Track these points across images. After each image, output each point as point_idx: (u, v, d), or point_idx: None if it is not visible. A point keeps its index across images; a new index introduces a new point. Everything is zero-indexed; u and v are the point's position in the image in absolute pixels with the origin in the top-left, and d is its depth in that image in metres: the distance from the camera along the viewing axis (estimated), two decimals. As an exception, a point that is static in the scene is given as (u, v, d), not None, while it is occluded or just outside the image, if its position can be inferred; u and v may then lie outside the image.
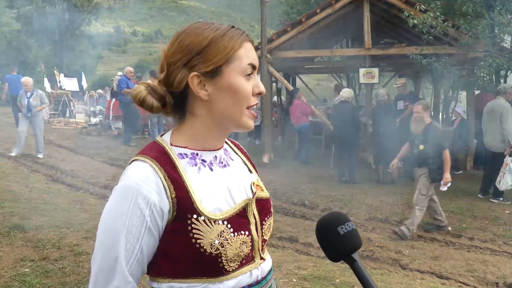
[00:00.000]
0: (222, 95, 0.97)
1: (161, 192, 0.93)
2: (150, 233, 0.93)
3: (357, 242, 0.93)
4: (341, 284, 3.53)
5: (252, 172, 1.15)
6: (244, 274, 1.00)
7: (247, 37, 1.01)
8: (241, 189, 1.04)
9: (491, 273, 4.13)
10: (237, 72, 0.97)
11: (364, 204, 6.33)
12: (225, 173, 1.04)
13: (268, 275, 1.07)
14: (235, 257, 0.96)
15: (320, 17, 9.32)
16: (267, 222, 1.09)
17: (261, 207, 1.07)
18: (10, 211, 4.89)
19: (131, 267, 0.93)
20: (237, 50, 0.97)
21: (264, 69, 9.25)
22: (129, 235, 0.91)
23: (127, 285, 0.92)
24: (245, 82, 0.98)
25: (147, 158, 0.96)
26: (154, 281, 0.99)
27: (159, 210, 0.92)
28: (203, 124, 1.00)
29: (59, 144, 10.26)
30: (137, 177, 0.93)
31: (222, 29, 0.98)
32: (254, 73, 1.01)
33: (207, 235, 0.93)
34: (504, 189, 6.34)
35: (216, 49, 0.96)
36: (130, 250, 0.92)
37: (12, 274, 3.35)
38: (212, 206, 0.96)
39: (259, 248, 1.04)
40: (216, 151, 1.05)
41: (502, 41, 9.19)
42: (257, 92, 1.00)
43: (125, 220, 0.91)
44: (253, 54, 1.01)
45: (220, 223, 0.95)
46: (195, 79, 0.96)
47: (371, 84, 9.53)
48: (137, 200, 0.91)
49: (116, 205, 0.93)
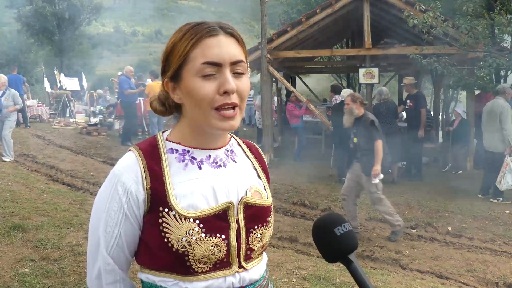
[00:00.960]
0: (186, 99, 0.98)
1: (138, 181, 0.96)
2: (128, 220, 0.96)
3: (354, 243, 0.92)
4: (341, 284, 3.53)
5: (261, 178, 1.11)
6: (215, 279, 0.97)
7: (210, 32, 0.93)
8: (232, 191, 1.00)
9: (491, 273, 4.13)
10: (192, 74, 0.94)
11: (364, 204, 6.32)
12: (217, 173, 1.01)
13: (250, 285, 1.02)
14: (204, 259, 0.94)
15: (320, 17, 9.32)
16: (258, 231, 1.02)
17: (252, 214, 1.02)
18: (10, 211, 4.89)
19: (112, 250, 0.97)
20: (190, 51, 0.93)
21: (264, 69, 9.25)
22: (108, 219, 0.96)
23: (107, 267, 0.97)
24: (201, 83, 0.93)
25: (136, 148, 1.01)
26: (139, 271, 1.02)
27: (135, 199, 0.95)
28: (188, 124, 1.02)
29: (59, 144, 10.26)
30: (121, 165, 0.99)
31: (184, 30, 0.96)
32: (222, 70, 0.93)
33: (175, 230, 0.93)
34: (505, 189, 6.34)
35: (175, 53, 0.96)
36: (109, 233, 0.96)
37: (12, 274, 3.35)
38: (187, 203, 0.95)
39: (240, 256, 0.99)
40: (212, 150, 1.03)
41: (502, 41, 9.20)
42: (223, 91, 0.93)
43: (106, 204, 0.97)
44: (215, 50, 0.92)
45: (191, 221, 0.93)
46: (169, 84, 1.00)
47: (371, 84, 9.53)
48: (117, 187, 0.96)
49: (102, 190, 0.99)
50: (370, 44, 9.22)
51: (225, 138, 1.07)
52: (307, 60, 12.46)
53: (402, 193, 6.91)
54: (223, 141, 1.07)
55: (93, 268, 0.99)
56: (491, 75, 8.29)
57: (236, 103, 0.95)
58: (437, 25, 7.60)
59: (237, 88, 0.94)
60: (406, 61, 9.53)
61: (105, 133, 11.80)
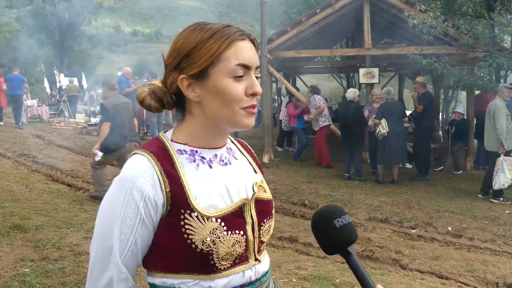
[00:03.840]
0: (210, 97, 0.97)
1: (156, 185, 0.94)
2: (144, 226, 0.94)
3: (353, 235, 0.92)
4: (341, 284, 3.53)
5: (257, 173, 1.15)
6: (236, 274, 0.99)
7: (241, 36, 0.97)
8: (241, 188, 1.03)
9: (491, 273, 4.13)
10: (224, 74, 0.95)
11: (364, 204, 6.33)
12: (225, 171, 1.04)
13: (263, 277, 1.06)
14: (227, 256, 0.96)
15: (320, 17, 9.33)
16: (266, 224, 1.07)
17: (260, 208, 1.06)
18: (10, 211, 4.88)
19: (125, 258, 0.94)
20: (223, 52, 0.95)
21: (264, 69, 9.26)
22: (123, 226, 0.93)
23: (121, 276, 0.94)
24: (232, 84, 0.95)
25: (146, 152, 0.98)
26: (149, 276, 1.01)
27: (153, 203, 0.94)
28: (199, 123, 1.01)
29: (59, 144, 10.26)
30: (134, 170, 0.95)
31: (212, 30, 0.96)
32: (250, 73, 0.98)
33: (199, 231, 0.93)
34: (498, 188, 6.37)
35: (202, 52, 0.95)
36: (124, 241, 0.94)
37: (12, 274, 3.34)
38: (207, 203, 0.96)
39: (254, 249, 1.03)
40: (217, 149, 1.05)
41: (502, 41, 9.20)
42: (251, 93, 0.97)
43: (120, 211, 0.93)
44: (247, 53, 0.97)
45: (214, 220, 0.95)
46: (184, 81, 0.98)
47: (371, 84, 9.54)
48: (132, 192, 0.93)
49: (112, 196, 0.95)
50: (370, 44, 9.23)
51: (227, 137, 1.10)
52: (307, 60, 12.45)
53: (402, 193, 6.91)
54: (225, 140, 1.09)
55: (100, 277, 0.95)
56: (491, 75, 8.30)
57: (256, 104, 1.01)
58: (437, 25, 7.60)
59: None
60: (406, 61, 9.54)
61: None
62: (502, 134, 6.40)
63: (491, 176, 6.58)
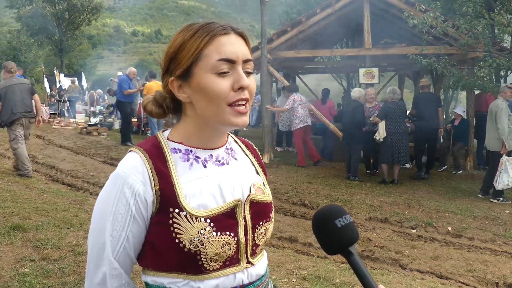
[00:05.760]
0: (197, 96, 0.97)
1: (146, 183, 0.95)
2: (136, 222, 0.95)
3: (355, 235, 0.92)
4: (341, 284, 3.53)
5: (260, 174, 1.13)
6: (226, 276, 0.97)
7: (223, 30, 0.95)
8: (236, 188, 1.02)
9: (491, 273, 4.13)
10: (206, 70, 0.94)
11: (364, 204, 6.33)
12: (221, 171, 1.02)
13: (257, 281, 1.04)
14: (216, 257, 0.95)
15: (320, 17, 9.33)
16: (262, 227, 1.04)
17: (257, 211, 1.03)
18: (10, 211, 4.88)
19: (118, 255, 0.95)
20: (203, 48, 0.94)
21: (264, 69, 9.25)
22: (115, 222, 0.94)
23: (113, 271, 0.95)
24: (216, 80, 0.94)
25: (139, 149, 0.99)
26: (143, 274, 1.01)
27: (143, 200, 0.94)
28: (193, 123, 1.01)
29: (59, 144, 10.26)
30: (126, 167, 0.96)
31: (194, 28, 0.96)
32: (236, 67, 0.95)
33: (187, 230, 0.93)
34: (501, 188, 6.36)
35: (185, 51, 0.96)
36: (116, 237, 0.94)
37: (12, 274, 3.34)
38: (197, 203, 0.95)
39: (247, 252, 1.01)
40: (213, 150, 1.04)
41: (502, 41, 9.20)
42: (238, 87, 0.95)
43: (112, 207, 0.94)
44: (229, 48, 0.94)
45: (203, 220, 0.94)
46: (174, 83, 0.99)
47: (371, 84, 9.53)
48: (123, 189, 0.94)
49: (105, 192, 0.97)
50: (370, 44, 9.23)
51: (225, 137, 1.09)
52: (307, 60, 12.45)
53: (402, 193, 6.91)
54: (223, 140, 1.08)
55: (95, 273, 0.96)
56: (491, 75, 8.30)
57: (248, 98, 0.97)
58: (437, 25, 7.60)
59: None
60: (406, 61, 9.54)
61: (105, 133, 11.79)
62: (503, 134, 6.40)
63: (491, 176, 6.58)
